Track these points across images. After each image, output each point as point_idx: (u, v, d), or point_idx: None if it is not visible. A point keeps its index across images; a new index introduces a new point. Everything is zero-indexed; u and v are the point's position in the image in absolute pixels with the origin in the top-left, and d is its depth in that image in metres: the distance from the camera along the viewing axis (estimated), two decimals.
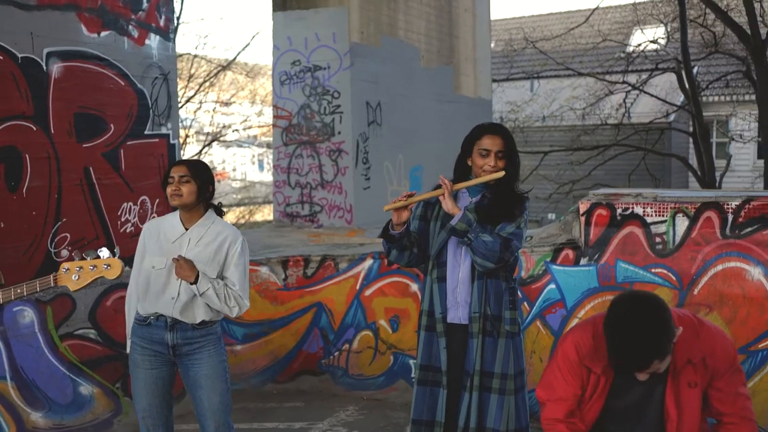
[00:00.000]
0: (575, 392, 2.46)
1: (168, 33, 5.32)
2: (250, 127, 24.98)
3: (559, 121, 14.07)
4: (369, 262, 5.34)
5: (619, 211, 4.51)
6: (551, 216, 15.81)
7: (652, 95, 11.79)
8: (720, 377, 2.40)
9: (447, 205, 2.92)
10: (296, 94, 7.60)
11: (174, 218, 3.27)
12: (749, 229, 4.19)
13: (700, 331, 2.41)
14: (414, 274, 5.18)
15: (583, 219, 4.61)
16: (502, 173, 2.92)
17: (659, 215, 4.42)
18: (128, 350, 3.34)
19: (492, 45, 10.99)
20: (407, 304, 5.16)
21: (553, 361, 2.59)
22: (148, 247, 3.25)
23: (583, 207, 4.61)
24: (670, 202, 4.39)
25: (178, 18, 13.14)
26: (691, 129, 13.76)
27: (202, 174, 3.20)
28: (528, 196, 3.06)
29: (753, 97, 14.64)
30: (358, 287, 5.30)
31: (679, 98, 14.90)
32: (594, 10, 13.13)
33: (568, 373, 2.48)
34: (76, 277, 2.64)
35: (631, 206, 4.48)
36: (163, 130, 5.28)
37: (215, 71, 18.68)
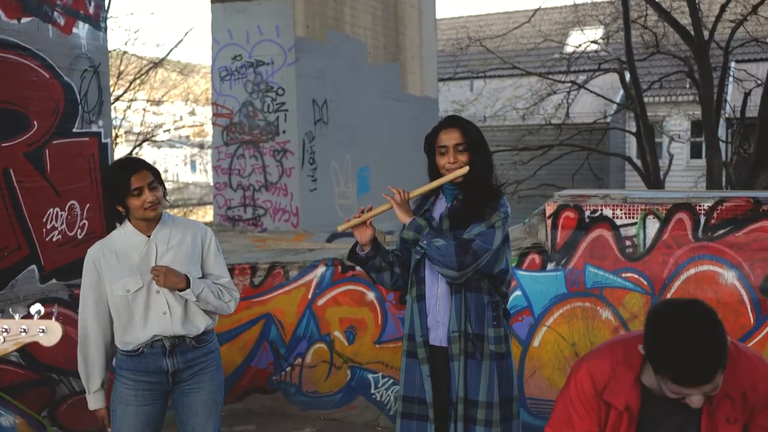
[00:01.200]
0: (591, 430, 2.14)
1: (98, 21, 4.85)
2: (182, 127, 24.21)
3: (502, 121, 13.99)
4: (321, 269, 4.99)
5: (587, 213, 4.31)
6: None
7: (598, 95, 11.82)
8: (763, 413, 2.09)
9: (398, 214, 2.64)
10: (238, 91, 7.18)
11: (125, 232, 2.82)
12: (722, 231, 4.04)
13: (739, 361, 2.07)
14: (370, 282, 4.87)
15: (549, 222, 4.39)
16: (465, 169, 2.61)
17: (629, 217, 4.24)
18: (90, 398, 2.85)
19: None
20: (363, 314, 4.84)
21: (564, 394, 2.23)
22: (107, 274, 2.77)
23: (549, 209, 4.39)
24: (641, 203, 4.21)
25: (106, 11, 12.45)
26: (634, 129, 13.92)
27: (159, 175, 2.82)
28: (503, 190, 2.73)
29: (687, 97, 14.94)
30: (310, 296, 4.95)
31: (617, 99, 15.06)
32: (536, 10, 13.10)
33: (583, 408, 2.13)
34: (1, 341, 2.02)
35: (599, 208, 4.28)
36: (94, 128, 4.81)
37: (146, 68, 17.92)
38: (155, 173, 2.75)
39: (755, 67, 12.44)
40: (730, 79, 10.82)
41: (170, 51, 21.42)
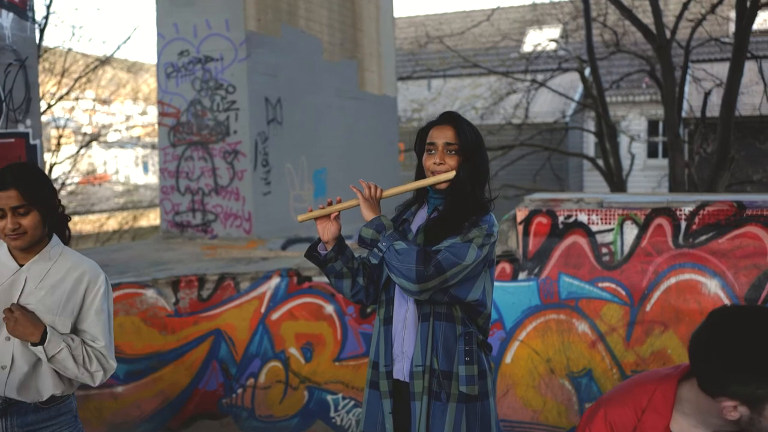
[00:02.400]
0: None
1: (25, 10, 4.38)
2: (132, 127, 23.46)
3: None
4: (275, 280, 4.61)
5: (561, 218, 4.02)
6: None
7: (561, 94, 11.64)
8: None
9: (363, 210, 2.29)
10: (185, 89, 6.74)
11: (0, 249, 2.31)
12: (704, 238, 3.80)
13: None
14: (329, 293, 4.51)
15: (520, 228, 4.09)
16: (450, 174, 2.25)
17: (605, 223, 3.97)
18: None
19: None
20: (321, 329, 4.48)
21: None
22: None
23: (520, 215, 4.09)
24: (618, 208, 3.94)
25: (48, 6, 11.80)
26: (591, 129, 13.81)
27: (40, 192, 2.23)
28: (491, 204, 2.33)
29: (645, 97, 14.93)
30: (263, 310, 4.57)
31: (571, 102, 14.97)
32: (495, 9, 12.89)
33: None
34: None
35: (574, 213, 4.00)
36: (21, 128, 4.34)
37: (92, 66, 17.20)
38: (31, 193, 2.18)
39: (711, 66, 12.43)
40: (688, 78, 10.75)
41: (117, 48, 20.70)
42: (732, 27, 14.55)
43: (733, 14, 13.04)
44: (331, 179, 7.93)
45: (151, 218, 22.19)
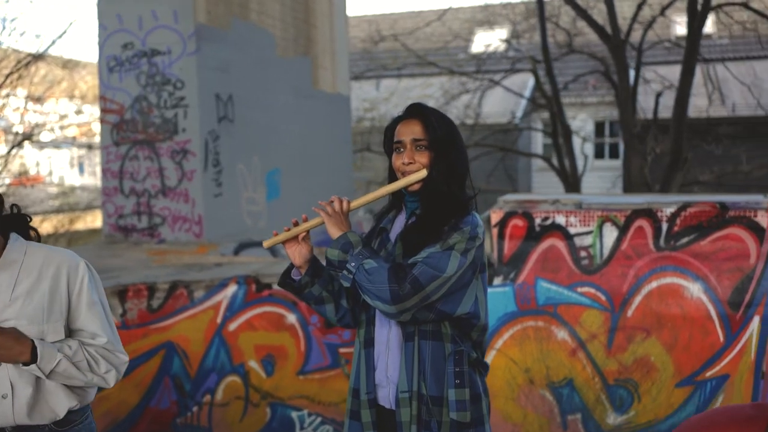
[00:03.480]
0: None
1: None
2: (68, 127, 22.54)
3: None
4: (232, 288, 4.30)
5: (537, 221, 3.84)
6: None
7: (516, 93, 11.59)
8: None
9: (329, 228, 2.01)
10: (129, 84, 6.33)
11: None
12: (686, 240, 3.66)
13: None
14: (290, 302, 4.23)
15: (495, 231, 3.89)
16: (421, 173, 2.01)
17: (584, 225, 3.80)
18: None
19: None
20: (283, 340, 4.19)
21: None
22: None
23: (495, 217, 3.89)
24: (597, 209, 3.78)
25: None
26: (540, 130, 13.82)
27: None
28: (472, 203, 2.08)
29: (594, 99, 15.05)
30: (219, 321, 4.25)
31: (523, 100, 14.99)
32: (446, 10, 12.78)
33: None
34: None
35: (551, 215, 3.82)
36: None
37: (24, 62, 16.38)
38: None
39: (661, 69, 12.59)
40: (640, 80, 10.82)
41: (52, 43, 19.69)
42: (677, 30, 14.81)
43: (679, 18, 13.26)
44: (285, 180, 7.62)
45: (89, 221, 21.35)
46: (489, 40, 14.81)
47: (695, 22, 8.89)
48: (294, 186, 7.75)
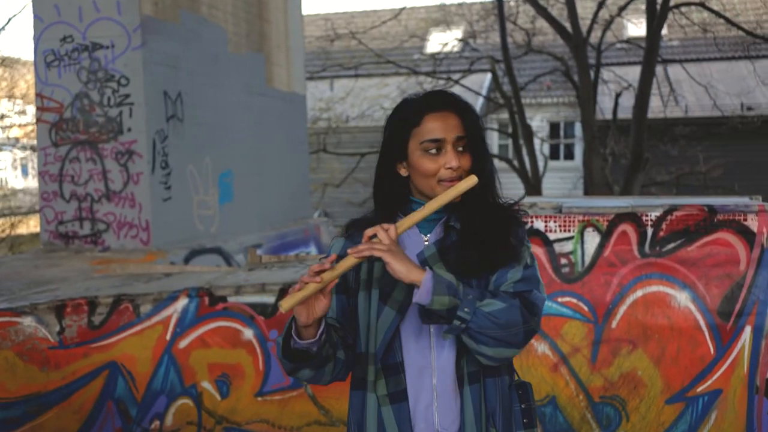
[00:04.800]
0: None
1: None
2: (9, 127, 21.62)
3: (371, 121, 13.27)
4: (183, 301, 3.94)
5: None
6: None
7: (476, 92, 11.41)
8: None
9: (398, 270, 1.53)
10: (69, 80, 5.88)
11: None
12: (672, 245, 3.45)
13: None
14: (247, 316, 3.88)
15: None
16: (472, 179, 1.61)
17: (564, 230, 3.56)
18: None
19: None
20: (239, 357, 3.84)
21: None
22: None
23: None
24: (578, 213, 3.54)
25: None
26: (498, 129, 13.69)
27: None
28: (523, 208, 1.76)
29: (550, 100, 15.00)
30: (168, 338, 3.89)
31: (478, 100, 14.85)
32: (402, 9, 12.55)
33: None
34: None
35: (529, 220, 3.56)
36: None
37: None
38: None
39: (618, 69, 12.58)
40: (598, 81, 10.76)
41: None
42: (631, 32, 14.88)
43: (635, 19, 13.30)
44: (238, 183, 7.24)
45: (32, 225, 20.49)
46: (444, 39, 14.62)
47: (654, 22, 8.82)
48: (248, 188, 7.38)
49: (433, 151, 1.65)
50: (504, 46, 9.55)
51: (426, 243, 1.71)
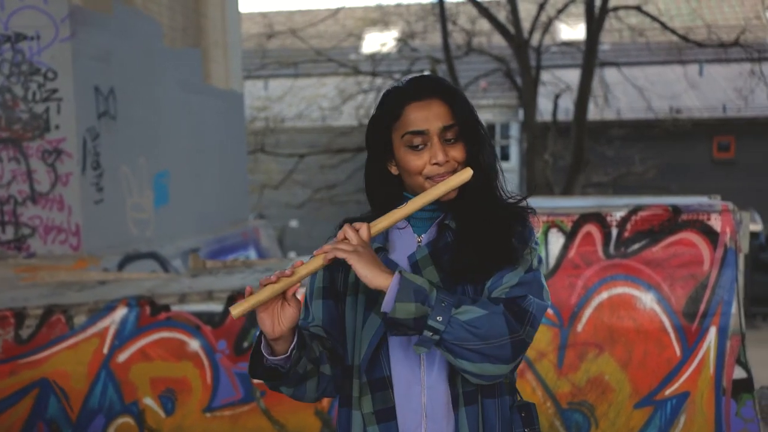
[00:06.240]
0: None
1: None
2: None
3: (309, 122, 13.01)
4: (121, 311, 3.65)
5: None
6: (293, 224, 14.72)
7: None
8: None
9: (364, 273, 1.36)
10: None
11: None
12: (637, 246, 3.38)
13: None
14: (192, 326, 3.63)
15: None
16: (467, 172, 1.45)
17: None
18: None
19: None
20: (185, 371, 3.58)
21: None
22: None
23: None
24: (541, 213, 3.43)
25: None
26: None
27: None
28: (529, 206, 1.56)
29: (486, 101, 15.06)
30: (106, 351, 3.60)
31: None
32: (339, 9, 12.39)
33: None
34: None
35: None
36: None
37: None
38: None
39: (557, 72, 12.72)
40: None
41: None
42: (565, 34, 15.11)
43: (571, 21, 13.49)
44: (174, 184, 6.89)
45: None
46: (380, 39, 14.50)
47: (593, 25, 8.92)
48: (185, 190, 7.04)
49: (419, 145, 1.47)
50: (446, 46, 9.48)
51: (419, 244, 1.53)
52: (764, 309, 8.76)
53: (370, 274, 1.35)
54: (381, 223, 1.44)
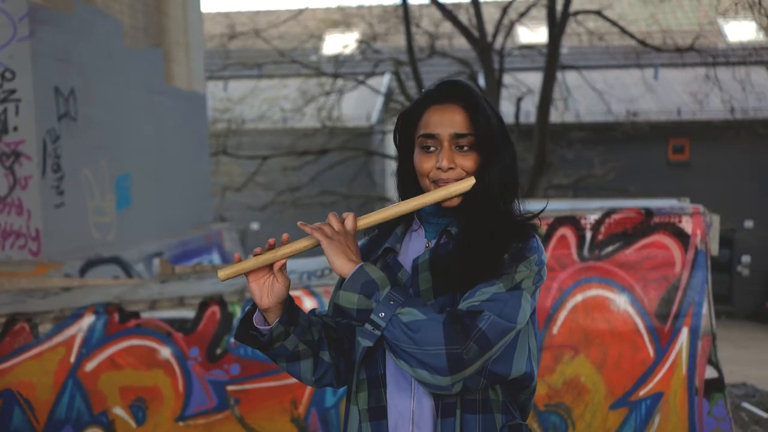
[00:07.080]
0: None
1: None
2: None
3: (270, 123, 12.88)
4: (89, 319, 3.55)
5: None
6: (254, 226, 14.58)
7: (381, 93, 11.28)
8: None
9: (332, 258, 1.40)
10: None
11: None
12: (610, 249, 3.42)
13: None
14: (163, 333, 3.54)
15: None
16: (468, 182, 1.45)
17: None
18: None
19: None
20: (156, 379, 3.50)
21: None
22: None
23: None
24: None
25: None
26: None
27: None
28: (537, 223, 1.55)
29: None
30: (73, 360, 3.49)
31: (376, 105, 14.79)
32: (302, 10, 12.30)
33: None
34: None
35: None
36: None
37: None
38: None
39: (518, 75, 12.86)
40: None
41: None
42: (524, 38, 15.27)
43: (531, 24, 13.64)
44: (137, 186, 6.75)
45: None
46: (341, 40, 14.46)
47: (555, 29, 9.02)
48: (147, 193, 6.90)
49: (430, 147, 1.49)
50: (410, 49, 9.50)
51: (427, 248, 1.53)
52: (721, 308, 8.99)
53: (337, 261, 1.40)
54: (371, 218, 1.49)
